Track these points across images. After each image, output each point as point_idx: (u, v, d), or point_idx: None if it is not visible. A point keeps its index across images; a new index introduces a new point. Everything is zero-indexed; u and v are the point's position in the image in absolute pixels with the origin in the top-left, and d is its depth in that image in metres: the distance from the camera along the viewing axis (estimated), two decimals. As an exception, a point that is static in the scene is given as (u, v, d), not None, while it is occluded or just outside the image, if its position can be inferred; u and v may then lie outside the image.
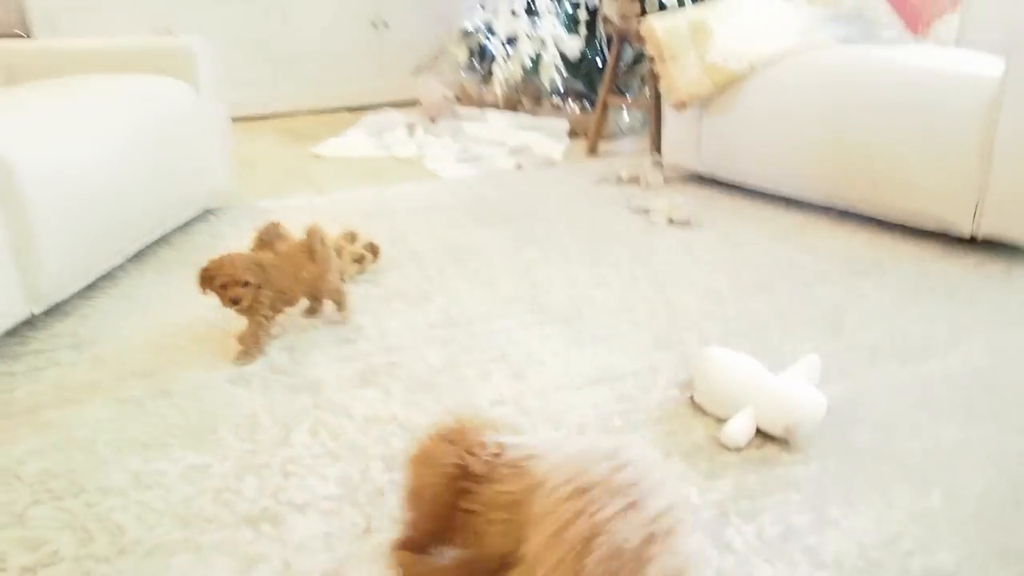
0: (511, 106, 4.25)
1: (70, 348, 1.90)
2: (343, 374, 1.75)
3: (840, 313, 1.99)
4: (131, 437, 1.54)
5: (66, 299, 2.12)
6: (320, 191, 3.13)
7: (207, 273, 1.79)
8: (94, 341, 1.93)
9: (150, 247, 2.52)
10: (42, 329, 1.99)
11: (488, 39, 4.22)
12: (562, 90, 4.09)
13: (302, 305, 2.02)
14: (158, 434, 1.54)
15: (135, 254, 2.44)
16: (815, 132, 2.60)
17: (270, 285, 1.84)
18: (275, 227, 2.37)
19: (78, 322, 2.03)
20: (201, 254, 2.45)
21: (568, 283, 2.21)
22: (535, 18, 3.97)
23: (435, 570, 1.16)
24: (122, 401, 1.66)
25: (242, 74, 4.44)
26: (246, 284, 1.78)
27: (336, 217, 2.74)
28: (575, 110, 4.05)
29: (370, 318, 2.03)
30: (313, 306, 2.05)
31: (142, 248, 2.45)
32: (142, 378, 1.76)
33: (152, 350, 1.89)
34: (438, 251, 2.47)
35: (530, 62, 3.99)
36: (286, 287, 1.89)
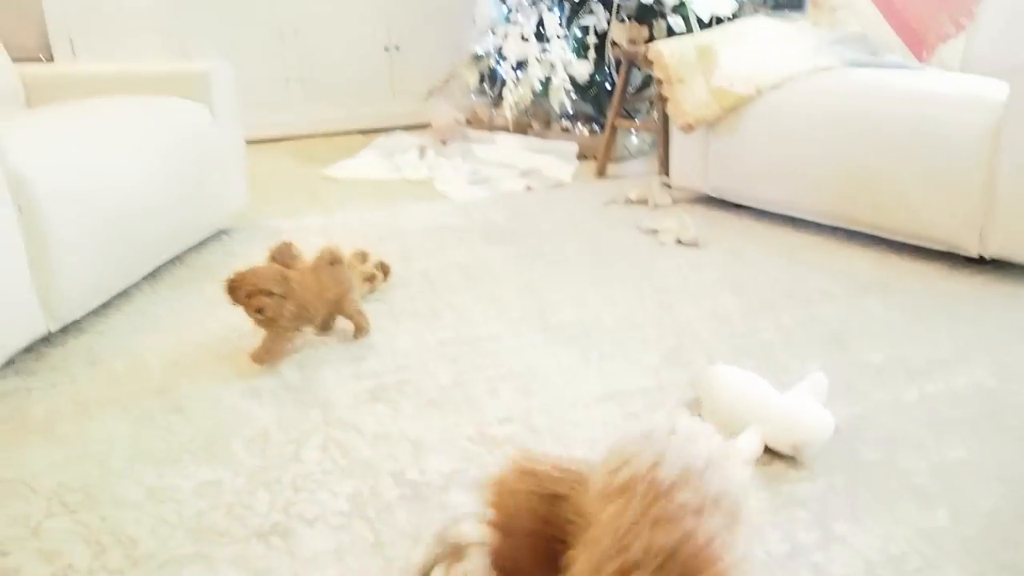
0: (521, 129, 4.29)
1: (86, 364, 1.93)
2: (353, 391, 1.78)
3: (846, 332, 2.00)
4: (145, 452, 1.56)
5: (82, 316, 2.15)
6: (332, 212, 3.17)
7: (233, 283, 1.83)
8: (109, 357, 1.96)
9: (164, 266, 2.56)
10: (58, 346, 2.02)
11: (498, 63, 4.27)
12: (571, 113, 4.13)
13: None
14: (171, 449, 1.57)
15: (149, 273, 2.48)
16: (821, 154, 2.63)
17: (294, 298, 1.88)
18: (287, 247, 2.41)
19: (94, 339, 2.06)
20: (214, 273, 2.50)
21: (576, 302, 2.23)
22: (545, 43, 4.01)
23: None
24: (136, 416, 1.69)
25: (257, 97, 4.50)
26: (270, 294, 1.83)
27: (347, 237, 2.78)
28: (584, 133, 4.08)
29: (380, 336, 2.05)
30: (328, 323, 2.07)
31: (156, 267, 2.49)
32: (156, 394, 1.78)
33: (166, 366, 1.91)
34: (448, 270, 2.49)
35: (540, 86, 4.03)
36: (309, 302, 1.93)
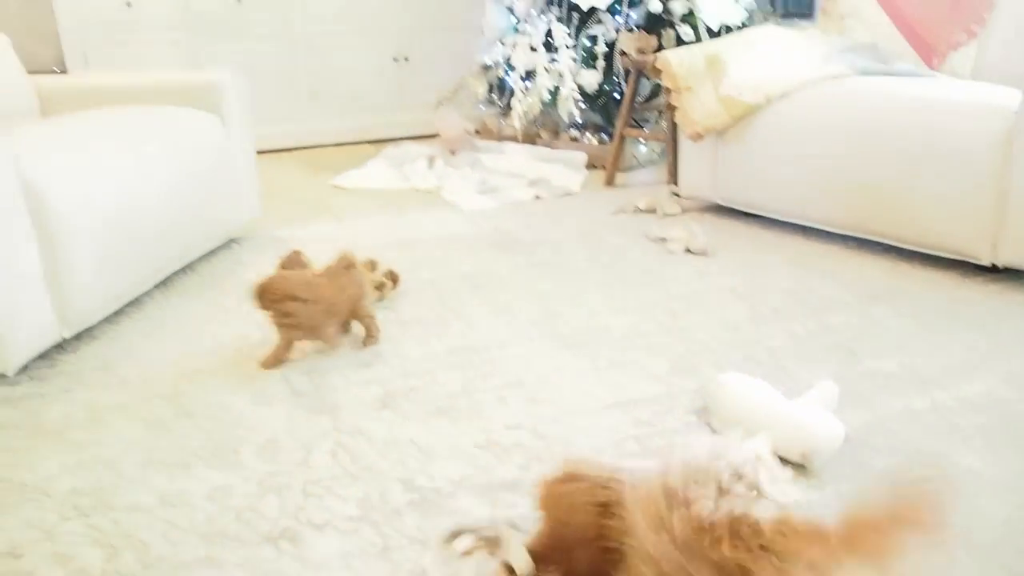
0: (530, 139, 4.30)
1: (98, 371, 1.94)
2: (362, 397, 1.78)
3: (857, 340, 2.00)
4: (156, 457, 1.57)
5: (95, 324, 2.17)
6: (341, 221, 3.19)
7: (263, 288, 1.87)
8: (121, 364, 1.98)
9: (175, 274, 2.58)
10: (71, 352, 2.03)
11: (507, 73, 4.29)
12: (580, 123, 4.14)
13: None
14: (183, 454, 1.58)
15: (161, 281, 2.50)
16: (831, 162, 2.63)
17: (321, 303, 1.92)
18: (297, 255, 2.42)
19: (106, 346, 2.08)
20: (225, 281, 2.51)
21: (585, 310, 2.23)
22: (553, 53, 4.03)
23: None
24: (148, 422, 1.70)
25: (267, 108, 4.54)
26: (297, 299, 1.86)
27: (356, 246, 2.79)
28: (593, 142, 4.09)
29: (389, 344, 2.06)
30: (345, 328, 2.10)
31: (168, 275, 2.51)
32: (167, 400, 1.80)
33: (177, 373, 1.93)
34: (456, 279, 2.50)
35: (548, 95, 4.05)
36: (333, 308, 1.96)
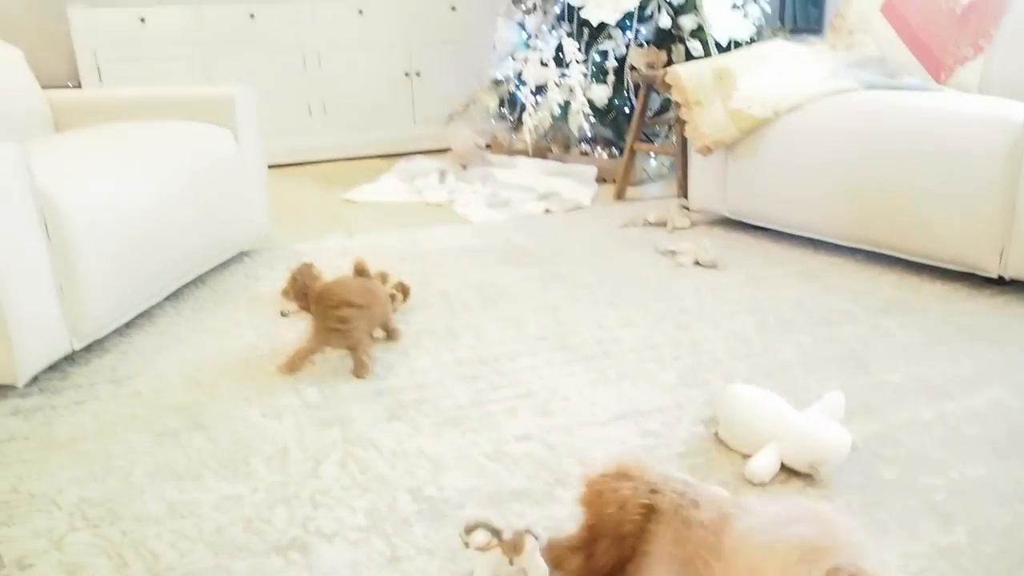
0: (540, 153, 4.32)
1: (109, 383, 1.96)
2: (372, 409, 1.79)
3: (865, 352, 1.99)
4: (166, 468, 1.58)
5: (106, 336, 2.19)
6: (353, 234, 3.20)
7: (321, 294, 1.93)
8: (132, 376, 1.99)
9: (186, 286, 2.60)
10: (82, 364, 2.05)
11: (518, 88, 4.32)
12: (590, 137, 4.16)
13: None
14: (192, 465, 1.59)
15: (172, 293, 2.52)
16: (840, 175, 2.63)
17: (376, 308, 2.02)
18: (308, 268, 2.44)
19: (117, 358, 2.09)
20: (235, 294, 2.53)
21: (594, 322, 2.24)
22: (564, 67, 4.05)
23: None
24: (158, 433, 1.71)
25: (279, 122, 4.58)
26: (352, 305, 1.92)
27: (368, 258, 2.79)
28: (603, 156, 4.10)
29: (399, 355, 2.06)
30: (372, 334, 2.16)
31: (179, 287, 2.53)
32: (178, 412, 1.81)
33: (187, 385, 1.94)
34: (466, 291, 2.51)
35: (559, 110, 4.06)
36: (380, 311, 2.05)
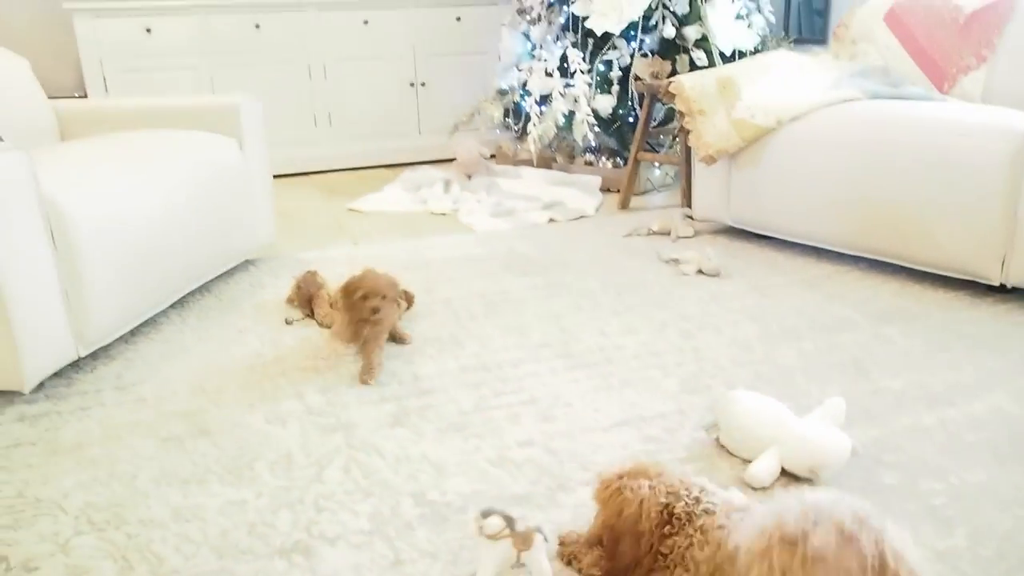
0: (545, 163, 4.33)
1: (114, 389, 1.97)
2: (376, 415, 1.80)
3: (867, 359, 2.00)
4: (171, 473, 1.59)
5: (111, 343, 2.20)
6: (357, 243, 3.22)
7: (352, 284, 1.99)
8: (137, 383, 2.00)
9: (191, 294, 2.61)
10: (88, 371, 2.07)
11: (523, 98, 4.34)
12: (595, 147, 4.17)
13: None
14: (197, 470, 1.60)
15: (177, 301, 2.53)
16: (842, 184, 2.63)
17: (399, 300, 2.08)
18: (312, 275, 2.46)
19: (122, 365, 2.11)
20: (240, 302, 2.55)
21: (597, 330, 2.24)
22: (568, 78, 4.07)
23: None
24: (163, 439, 1.72)
25: (285, 132, 4.60)
26: (384, 298, 1.97)
27: (373, 268, 2.81)
28: (607, 166, 4.12)
29: (403, 362, 2.07)
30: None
31: (184, 295, 2.54)
32: (183, 418, 1.82)
33: (192, 392, 1.95)
34: (470, 299, 2.52)
35: (563, 120, 4.08)
36: (397, 308, 2.11)
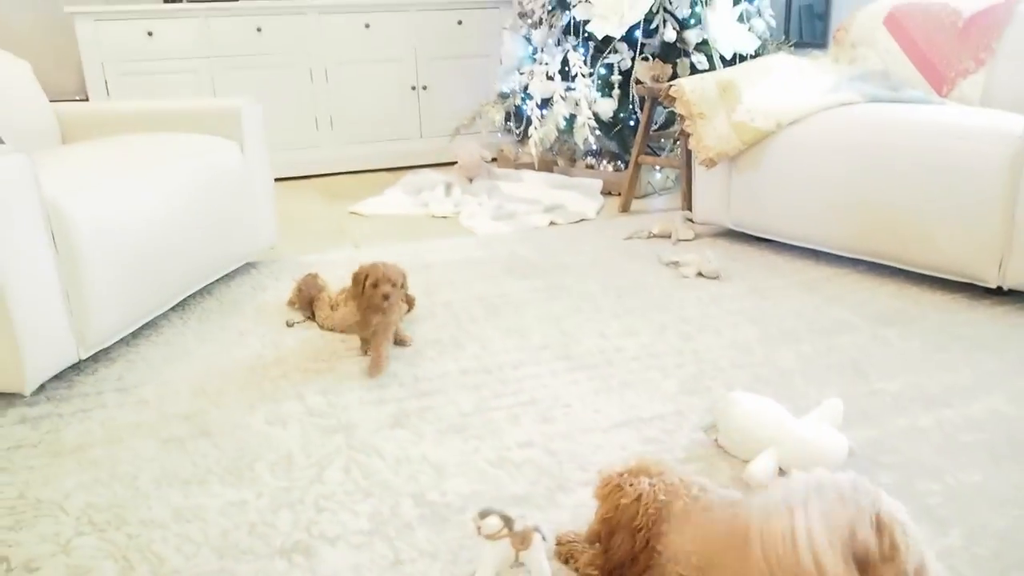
0: (546, 166, 4.34)
1: (115, 391, 1.98)
2: (376, 417, 1.81)
3: (865, 361, 2.00)
4: (172, 474, 1.60)
5: (112, 345, 2.21)
6: (358, 246, 3.23)
7: (363, 271, 2.05)
8: (138, 385, 2.01)
9: (193, 297, 2.62)
10: (89, 373, 2.07)
11: (524, 101, 4.35)
12: (596, 150, 4.18)
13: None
14: (198, 471, 1.60)
15: (178, 303, 2.54)
16: (842, 188, 2.64)
17: (405, 288, 2.13)
18: (313, 278, 2.47)
19: (123, 367, 2.12)
20: (241, 304, 2.56)
21: (597, 332, 2.25)
22: (569, 81, 4.08)
23: None
24: (164, 440, 1.73)
25: (286, 136, 4.62)
26: (394, 285, 2.03)
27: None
28: (609, 170, 4.13)
29: (403, 364, 2.08)
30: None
31: (185, 298, 2.55)
32: (184, 419, 1.83)
33: (193, 393, 1.96)
34: (471, 302, 2.53)
35: (565, 123, 4.09)
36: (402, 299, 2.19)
